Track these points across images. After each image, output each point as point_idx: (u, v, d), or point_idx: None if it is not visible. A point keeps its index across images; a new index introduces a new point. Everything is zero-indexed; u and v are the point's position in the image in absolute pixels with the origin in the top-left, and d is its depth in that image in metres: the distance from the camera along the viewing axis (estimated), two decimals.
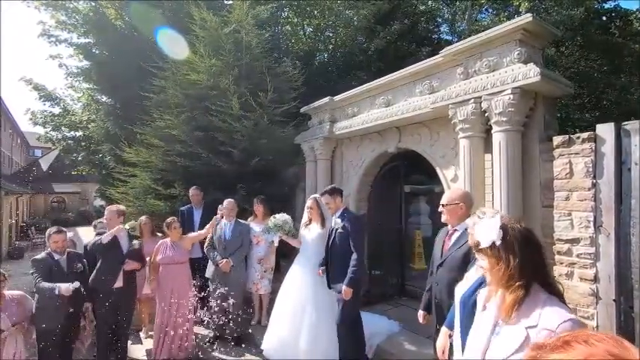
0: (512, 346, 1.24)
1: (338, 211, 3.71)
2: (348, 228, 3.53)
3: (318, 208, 3.97)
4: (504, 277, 1.31)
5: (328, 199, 3.71)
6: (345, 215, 3.66)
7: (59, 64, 10.28)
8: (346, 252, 3.49)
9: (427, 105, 3.94)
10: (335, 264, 3.62)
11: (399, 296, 5.92)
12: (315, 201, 3.99)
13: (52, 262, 3.85)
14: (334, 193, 3.74)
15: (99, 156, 10.40)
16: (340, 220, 3.63)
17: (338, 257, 3.58)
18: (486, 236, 1.36)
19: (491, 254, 1.36)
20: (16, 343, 3.43)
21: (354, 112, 5.22)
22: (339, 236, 3.59)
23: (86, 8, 9.27)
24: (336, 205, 3.73)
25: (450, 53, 3.76)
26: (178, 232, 4.51)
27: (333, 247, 3.66)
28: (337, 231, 3.60)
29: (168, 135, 6.00)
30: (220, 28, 6.20)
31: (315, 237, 3.98)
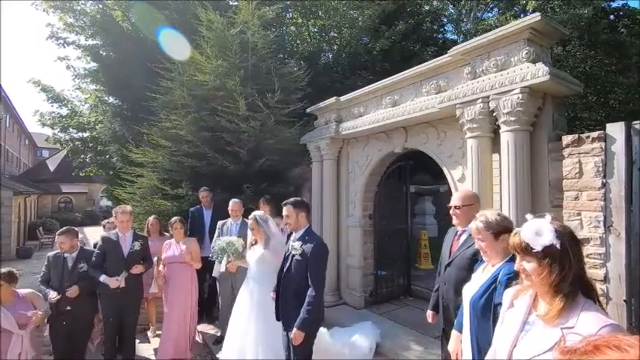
0: (546, 345, 1.23)
1: (298, 231, 2.95)
2: (307, 255, 2.81)
3: (259, 227, 3.50)
4: (554, 282, 1.27)
5: (289, 212, 2.95)
6: (307, 238, 2.90)
7: (67, 66, 10.40)
8: (302, 283, 2.80)
9: (434, 105, 3.94)
10: (287, 296, 2.93)
11: (404, 296, 5.91)
12: (255, 220, 3.52)
13: (61, 260, 3.98)
14: (298, 206, 2.98)
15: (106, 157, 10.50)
16: (300, 243, 2.88)
17: (291, 289, 2.89)
18: (539, 239, 1.31)
19: (541, 257, 1.30)
20: (22, 343, 3.43)
21: (361, 112, 5.23)
22: (296, 264, 2.87)
23: (93, 10, 9.37)
24: (298, 222, 2.94)
25: (457, 52, 3.75)
26: (180, 232, 4.55)
27: (287, 275, 2.95)
28: (294, 257, 2.88)
29: (175, 135, 6.04)
30: (226, 29, 6.23)
31: (258, 258, 3.51)
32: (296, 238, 2.96)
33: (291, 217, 2.95)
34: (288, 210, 2.95)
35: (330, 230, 5.69)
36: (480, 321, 2.01)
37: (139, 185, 6.49)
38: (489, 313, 1.98)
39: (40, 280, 4.04)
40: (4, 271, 3.29)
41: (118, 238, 4.30)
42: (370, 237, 5.64)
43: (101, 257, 4.15)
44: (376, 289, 5.62)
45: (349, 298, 5.59)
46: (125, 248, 4.27)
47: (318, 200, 5.90)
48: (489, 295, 2.00)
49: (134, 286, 4.21)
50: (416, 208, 10.75)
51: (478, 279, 2.15)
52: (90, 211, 25.54)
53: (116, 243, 4.27)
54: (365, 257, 5.56)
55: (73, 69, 10.39)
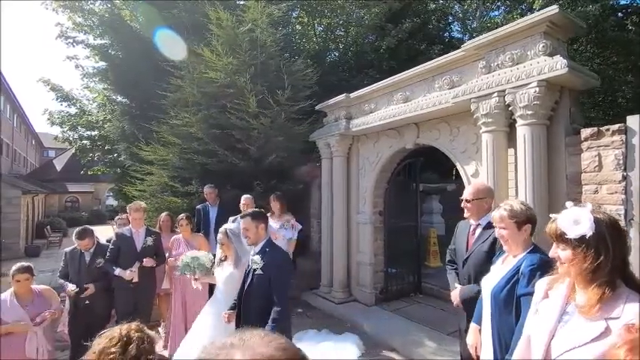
0: (588, 336, 1.21)
1: (258, 244, 2.76)
2: (269, 269, 2.62)
3: (230, 242, 3.21)
4: (588, 270, 1.25)
5: (248, 225, 2.74)
6: (267, 251, 2.72)
7: (76, 65, 10.47)
8: (265, 301, 2.58)
9: (448, 100, 3.93)
10: (249, 315, 2.68)
11: (415, 293, 5.89)
12: (226, 234, 3.20)
13: (78, 256, 4.04)
14: (257, 218, 2.79)
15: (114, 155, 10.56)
16: (260, 256, 2.69)
17: (254, 308, 2.66)
18: (575, 227, 1.29)
19: (577, 246, 1.29)
20: (37, 339, 3.45)
21: (371, 109, 5.22)
22: (258, 279, 2.65)
23: (102, 10, 9.43)
24: (257, 234, 2.75)
25: (471, 47, 3.74)
26: (186, 229, 4.58)
27: (248, 293, 2.72)
28: (255, 272, 2.67)
29: (185, 133, 6.07)
30: (236, 27, 6.26)
31: (226, 277, 3.19)
32: (256, 251, 2.75)
33: (251, 230, 2.75)
34: (247, 222, 2.76)
35: (340, 227, 5.69)
36: (502, 312, 2.00)
37: (149, 183, 6.54)
38: (512, 305, 1.97)
39: (59, 275, 4.11)
40: (26, 265, 3.31)
41: (132, 234, 4.34)
42: (380, 234, 5.63)
43: (115, 252, 4.19)
44: (387, 286, 5.61)
45: (359, 294, 5.58)
46: (138, 244, 4.32)
47: (327, 197, 5.90)
48: (511, 287, 1.99)
49: (147, 282, 4.25)
50: (423, 207, 10.71)
51: (498, 270, 2.14)
52: (96, 210, 25.71)
53: (130, 239, 4.32)
54: (375, 254, 5.55)
55: (82, 68, 10.47)
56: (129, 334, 1.46)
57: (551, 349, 1.34)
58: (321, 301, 5.71)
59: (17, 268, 3.30)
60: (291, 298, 5.49)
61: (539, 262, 1.89)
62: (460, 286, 2.74)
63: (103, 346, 1.42)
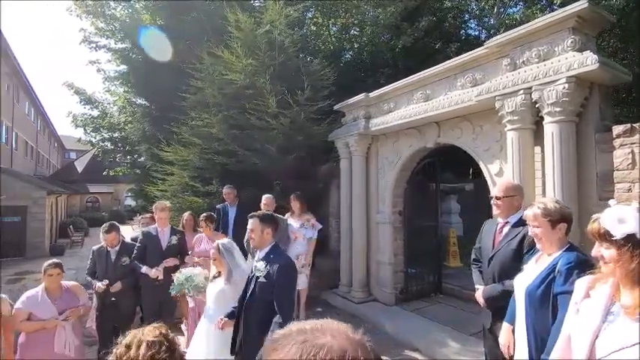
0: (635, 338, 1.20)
1: (263, 249, 2.64)
2: (273, 277, 2.48)
3: (222, 258, 3.08)
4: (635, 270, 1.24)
5: (255, 226, 2.64)
6: (272, 257, 2.57)
7: (97, 69, 10.78)
8: (267, 310, 2.43)
9: (471, 98, 3.89)
10: (250, 324, 2.55)
11: (435, 294, 5.84)
12: (217, 250, 3.10)
13: (105, 254, 4.16)
14: (265, 221, 2.66)
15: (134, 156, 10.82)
16: (264, 263, 2.55)
17: (255, 316, 2.52)
18: (620, 226, 1.27)
19: (623, 245, 1.27)
20: (65, 333, 3.55)
21: (391, 108, 5.21)
22: (261, 287, 2.52)
23: (123, 15, 9.68)
24: (262, 239, 2.63)
25: (495, 44, 3.69)
26: (207, 228, 4.68)
27: (250, 301, 2.57)
28: (258, 279, 2.55)
29: (205, 133, 6.18)
30: (255, 29, 6.34)
31: (217, 293, 3.06)
32: (260, 257, 2.63)
33: (256, 232, 2.63)
34: (254, 224, 2.65)
35: (360, 226, 5.68)
36: (537, 311, 1.97)
37: (170, 183, 6.68)
38: (547, 304, 1.95)
39: (87, 272, 4.24)
40: (57, 261, 3.43)
41: (157, 233, 4.45)
42: (400, 233, 5.61)
43: (142, 250, 4.31)
44: (407, 286, 5.58)
45: (379, 294, 5.57)
46: (163, 242, 4.42)
47: (346, 197, 5.90)
48: (547, 285, 1.96)
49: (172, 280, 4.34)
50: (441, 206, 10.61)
51: (532, 269, 2.11)
52: (115, 211, 26.35)
53: (155, 237, 4.43)
54: (395, 254, 5.53)
55: (104, 72, 10.77)
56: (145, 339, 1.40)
57: (596, 348, 1.32)
58: (341, 301, 5.72)
59: (49, 264, 3.42)
60: (311, 298, 5.56)
61: (576, 261, 1.86)
62: (483, 286, 2.72)
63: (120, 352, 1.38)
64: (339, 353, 0.57)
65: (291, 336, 0.62)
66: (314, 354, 0.57)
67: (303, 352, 0.57)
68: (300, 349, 0.58)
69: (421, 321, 4.86)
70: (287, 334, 0.63)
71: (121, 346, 1.39)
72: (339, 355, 0.57)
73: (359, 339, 0.62)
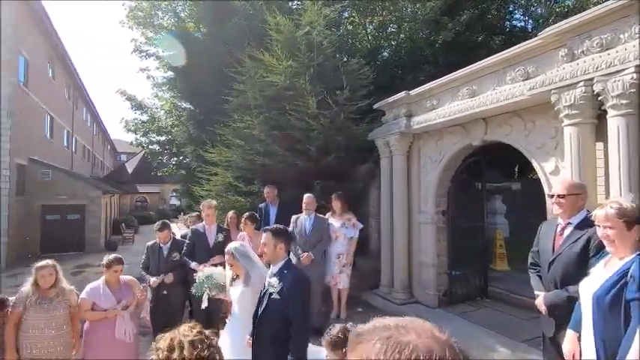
0: None
1: (276, 264, 2.55)
2: (285, 294, 2.39)
3: (237, 262, 3.09)
4: None
5: (267, 240, 2.56)
6: (285, 273, 2.48)
7: (147, 76, 11.48)
8: (281, 328, 2.37)
9: (522, 92, 3.69)
10: (263, 344, 2.48)
11: (481, 298, 5.60)
12: (232, 255, 3.09)
13: (158, 250, 4.41)
14: (278, 235, 2.57)
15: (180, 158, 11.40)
16: (277, 279, 2.47)
17: (268, 335, 2.45)
18: None
19: None
20: (124, 322, 3.80)
21: (434, 105, 5.07)
22: (274, 304, 2.44)
23: (170, 24, 10.23)
24: (275, 253, 2.54)
25: (550, 34, 3.48)
26: (249, 227, 4.81)
27: (263, 318, 2.51)
28: (271, 296, 2.47)
29: (247, 135, 6.37)
30: (294, 30, 6.43)
31: (238, 296, 3.07)
32: (273, 272, 2.56)
33: (268, 247, 2.56)
34: (267, 238, 2.58)
35: (401, 227, 5.58)
36: (607, 318, 1.84)
37: (215, 183, 6.95)
38: (618, 310, 1.81)
39: (142, 267, 4.53)
40: (119, 257, 3.68)
41: (205, 230, 4.65)
42: (443, 234, 5.44)
43: (191, 247, 4.53)
44: (451, 289, 5.40)
45: (422, 296, 5.44)
46: (211, 240, 4.61)
47: (387, 197, 5.82)
48: (618, 291, 1.82)
49: None
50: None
51: (600, 274, 1.97)
52: (162, 210, 27.88)
53: (203, 235, 4.63)
54: (438, 255, 5.37)
55: (153, 79, 11.44)
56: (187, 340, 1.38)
57: None
58: (382, 302, 5.65)
59: (113, 260, 3.68)
60: (351, 298, 5.54)
61: None
62: (544, 292, 2.56)
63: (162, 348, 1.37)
64: (425, 352, 0.56)
65: (376, 331, 0.62)
66: (399, 351, 0.57)
67: (388, 348, 0.57)
68: (384, 345, 0.58)
69: (467, 325, 4.68)
70: (371, 329, 0.63)
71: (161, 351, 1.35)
72: (426, 354, 0.56)
73: (446, 339, 0.60)
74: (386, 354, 0.56)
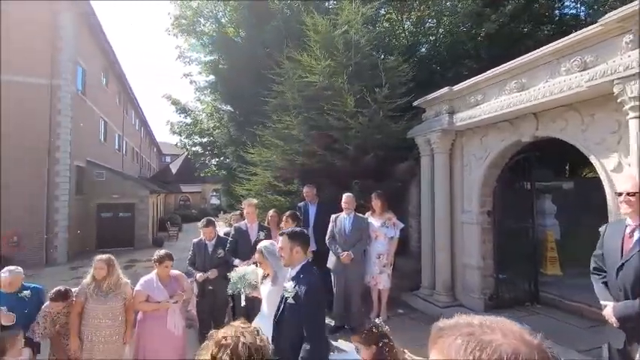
0: None
1: (295, 267, 2.50)
2: (300, 299, 2.34)
3: (266, 260, 3.07)
4: None
5: (283, 244, 2.51)
6: (302, 277, 2.41)
7: (190, 81, 12.04)
8: (297, 333, 2.33)
9: (580, 84, 3.43)
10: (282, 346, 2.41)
11: (531, 303, 5.29)
12: (261, 253, 3.09)
13: (203, 247, 4.60)
14: (293, 239, 2.50)
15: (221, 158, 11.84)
16: (293, 283, 2.41)
17: (285, 337, 2.42)
18: None
19: None
20: (175, 315, 3.99)
21: (478, 101, 4.86)
22: (290, 309, 2.40)
23: (211, 30, 10.64)
24: (292, 257, 2.48)
25: (612, 20, 3.20)
26: (290, 225, 4.84)
27: (280, 322, 2.47)
28: (287, 300, 2.43)
29: (286, 135, 6.47)
30: (332, 30, 6.44)
31: (267, 295, 3.07)
32: (290, 276, 2.51)
33: (285, 250, 2.50)
34: (283, 241, 2.53)
35: (443, 227, 5.41)
36: None
37: (255, 182, 7.13)
38: None
39: (188, 263, 4.74)
40: (169, 253, 3.89)
41: (247, 228, 4.79)
42: (489, 235, 5.20)
43: (234, 244, 4.67)
44: (497, 293, 5.15)
45: (466, 299, 5.23)
46: (252, 237, 4.73)
47: (428, 196, 5.67)
48: None
49: None
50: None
51: None
52: (203, 208, 29.11)
53: (245, 232, 4.77)
54: (484, 257, 5.14)
55: (195, 83, 11.98)
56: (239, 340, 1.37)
57: None
58: (423, 304, 5.51)
59: (163, 256, 3.88)
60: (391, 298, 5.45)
61: None
62: (613, 303, 2.34)
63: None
64: (510, 354, 0.53)
65: (458, 327, 0.60)
66: (479, 349, 0.54)
67: (468, 346, 0.55)
68: (464, 341, 0.56)
69: None
70: (454, 324, 0.61)
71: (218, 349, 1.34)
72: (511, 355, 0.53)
73: (538, 343, 0.57)
74: (466, 350, 0.54)
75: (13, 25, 11.77)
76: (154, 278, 3.88)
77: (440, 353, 0.58)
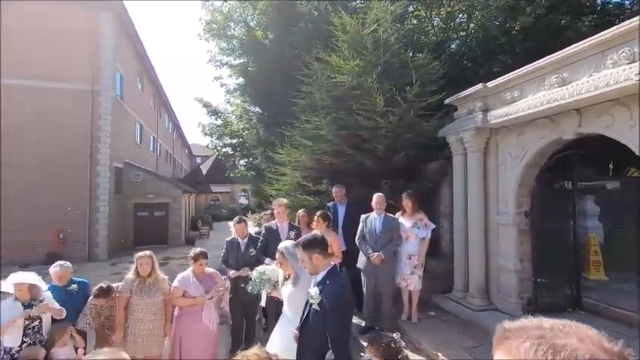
0: None
1: (320, 274, 2.43)
2: (325, 307, 2.28)
3: (287, 261, 3.03)
4: None
5: (301, 256, 2.49)
6: (327, 283, 2.35)
7: (220, 84, 12.38)
8: (323, 340, 2.27)
9: (629, 76, 3.22)
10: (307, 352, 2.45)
11: (573, 309, 5.02)
12: (282, 254, 3.05)
13: (236, 245, 4.71)
14: (308, 247, 2.44)
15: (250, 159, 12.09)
16: (317, 289, 2.35)
17: (310, 344, 2.41)
18: None
19: None
20: (210, 310, 4.11)
21: (515, 97, 4.67)
22: (315, 316, 2.37)
23: (240, 34, 10.89)
24: (313, 265, 2.43)
25: None
26: (322, 225, 4.86)
27: (304, 328, 2.45)
28: (312, 306, 2.39)
29: (315, 135, 6.50)
30: (360, 29, 6.42)
31: (288, 296, 3.02)
32: (315, 282, 2.44)
33: (305, 262, 2.46)
34: (300, 254, 2.51)
35: (477, 228, 5.25)
36: None
37: (284, 182, 7.22)
38: None
39: (221, 260, 4.88)
40: (204, 251, 4.02)
41: (277, 228, 4.86)
42: (527, 237, 4.99)
43: (265, 243, 4.75)
44: (536, 297, 4.93)
45: (501, 303, 5.05)
46: (283, 236, 4.79)
47: (460, 196, 5.52)
48: None
49: None
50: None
51: None
52: (232, 208, 29.84)
53: (276, 232, 4.84)
54: (521, 260, 4.94)
55: (225, 86, 12.31)
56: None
57: None
58: (455, 306, 5.37)
59: (200, 253, 4.02)
60: (422, 300, 5.35)
61: None
62: None
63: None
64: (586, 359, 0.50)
65: (526, 329, 0.58)
66: (552, 353, 0.52)
67: (539, 348, 0.53)
68: (534, 344, 0.54)
69: None
70: (522, 326, 0.60)
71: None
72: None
73: (619, 350, 0.53)
74: (536, 354, 0.52)
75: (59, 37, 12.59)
76: (190, 275, 4.02)
77: (506, 354, 0.57)
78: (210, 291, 4.02)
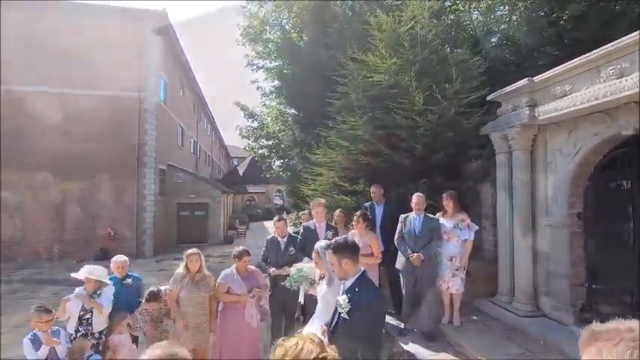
0: None
1: (349, 280, 2.34)
2: (354, 316, 2.20)
3: (322, 261, 2.95)
4: None
5: (331, 258, 2.42)
6: (357, 291, 2.26)
7: (257, 87, 12.69)
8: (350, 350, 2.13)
9: None
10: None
11: (633, 317, 4.63)
12: (317, 253, 2.99)
13: (276, 243, 4.83)
14: (339, 251, 2.36)
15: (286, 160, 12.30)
16: (346, 297, 2.27)
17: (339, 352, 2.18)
18: None
19: None
20: (252, 307, 4.24)
21: (565, 92, 4.40)
22: (343, 324, 2.27)
23: (276, 37, 11.11)
24: (342, 270, 2.35)
25: None
26: (361, 225, 4.84)
27: (334, 332, 2.35)
28: (340, 315, 2.29)
29: (351, 135, 6.50)
30: (397, 27, 6.33)
31: (322, 296, 2.98)
32: (344, 289, 2.35)
33: (335, 265, 2.39)
34: (330, 256, 2.45)
35: (523, 230, 5.00)
36: None
37: (320, 183, 7.27)
38: None
39: (261, 258, 5.01)
40: (246, 249, 4.17)
41: (315, 227, 4.92)
42: (579, 240, 4.68)
43: (303, 242, 4.83)
44: (590, 304, 4.61)
45: (551, 310, 4.77)
46: (321, 236, 4.84)
47: (505, 196, 5.28)
48: None
49: None
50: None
51: None
52: (267, 208, 30.50)
53: (313, 232, 4.90)
54: (573, 264, 4.64)
55: (261, 89, 12.61)
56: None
57: None
58: (500, 311, 5.14)
59: (243, 251, 4.17)
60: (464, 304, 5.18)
61: None
62: None
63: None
64: None
65: (618, 331, 0.56)
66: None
67: (634, 352, 0.51)
68: (629, 347, 0.52)
69: None
70: (612, 328, 0.58)
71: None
72: None
73: None
74: (632, 356, 0.51)
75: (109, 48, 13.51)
76: (233, 272, 4.18)
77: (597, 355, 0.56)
78: (252, 289, 4.16)
